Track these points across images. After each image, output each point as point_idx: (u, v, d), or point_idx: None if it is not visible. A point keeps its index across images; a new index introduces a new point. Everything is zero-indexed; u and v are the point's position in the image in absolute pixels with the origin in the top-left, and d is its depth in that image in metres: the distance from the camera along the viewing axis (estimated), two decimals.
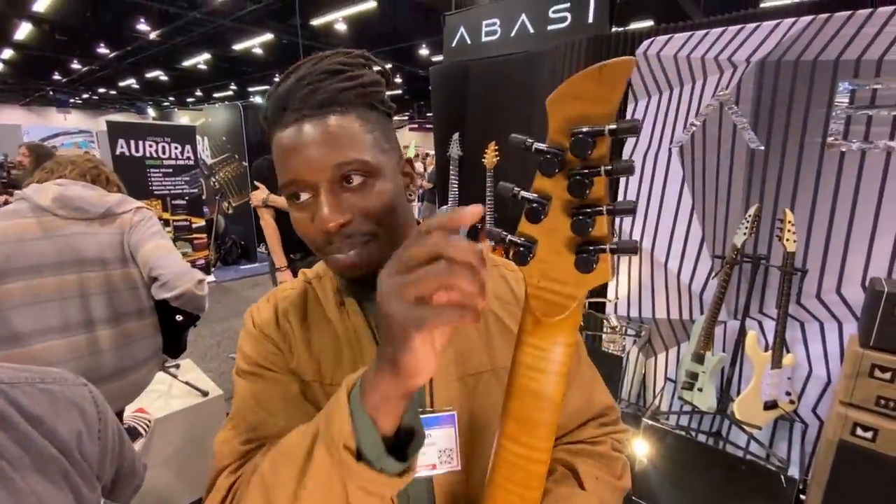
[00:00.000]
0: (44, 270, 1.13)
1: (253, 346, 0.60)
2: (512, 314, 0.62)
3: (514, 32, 3.14)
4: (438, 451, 0.55)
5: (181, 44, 12.48)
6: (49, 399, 0.44)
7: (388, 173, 0.52)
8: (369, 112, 0.52)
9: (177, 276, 1.23)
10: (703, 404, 1.85)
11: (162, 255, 1.25)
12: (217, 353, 3.44)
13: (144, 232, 1.28)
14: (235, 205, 5.85)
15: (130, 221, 1.27)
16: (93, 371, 1.17)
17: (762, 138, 1.88)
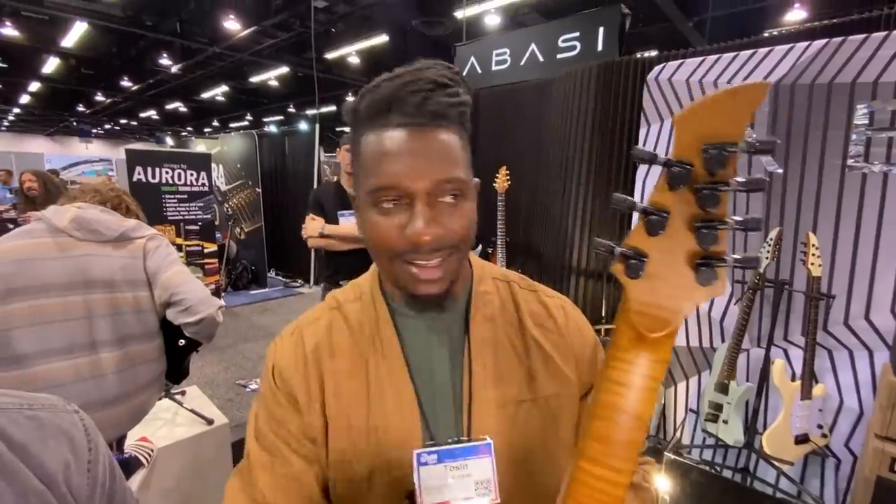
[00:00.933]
0: (50, 291, 1.12)
1: (266, 413, 0.57)
2: (553, 342, 0.59)
3: (524, 61, 3.20)
4: (475, 483, 0.52)
5: (200, 77, 12.98)
6: (36, 426, 0.41)
7: (472, 194, 0.52)
8: (464, 131, 0.52)
9: (200, 302, 1.24)
10: (730, 438, 1.76)
11: (185, 281, 1.27)
12: (224, 380, 3.39)
13: (165, 258, 1.30)
14: (248, 230, 5.91)
15: (145, 247, 1.29)
16: (95, 394, 1.14)
17: (780, 161, 1.85)
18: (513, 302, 0.61)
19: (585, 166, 2.55)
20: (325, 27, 9.27)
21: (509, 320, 0.59)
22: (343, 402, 0.55)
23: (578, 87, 2.59)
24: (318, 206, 2.34)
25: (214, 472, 1.96)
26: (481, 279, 0.60)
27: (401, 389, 0.54)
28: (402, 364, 0.55)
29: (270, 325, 4.67)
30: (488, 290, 0.60)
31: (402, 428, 0.53)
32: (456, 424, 0.54)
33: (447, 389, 0.55)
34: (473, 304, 0.58)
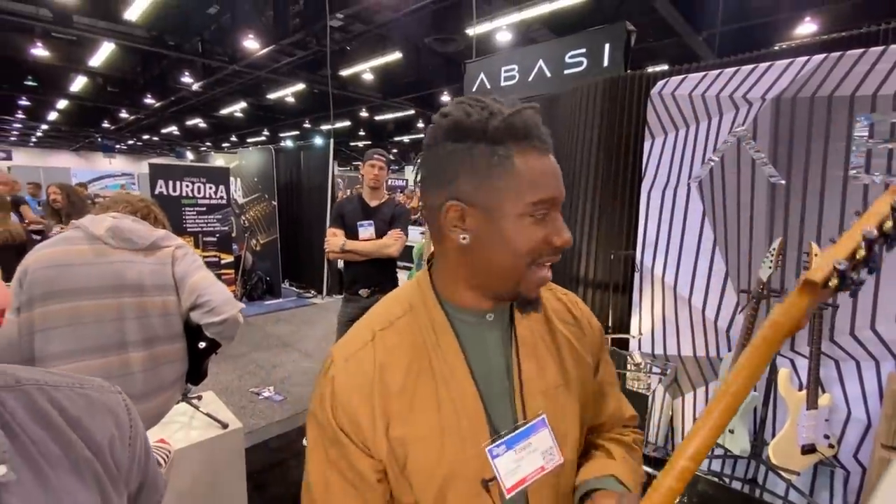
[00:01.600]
0: (86, 294, 1.21)
1: (320, 442, 0.60)
2: (575, 334, 0.69)
3: (532, 77, 3.28)
4: (542, 454, 0.61)
5: (220, 93, 13.41)
6: (87, 403, 0.46)
7: None
8: None
9: (224, 303, 1.34)
10: (736, 447, 1.76)
11: (210, 284, 1.37)
12: (238, 388, 3.47)
13: (191, 264, 1.40)
14: (263, 242, 6.06)
15: (174, 255, 1.39)
16: (124, 390, 1.22)
17: (782, 172, 1.88)
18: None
19: (592, 179, 2.60)
20: (341, 45, 9.55)
21: (538, 318, 0.68)
22: (414, 415, 0.58)
23: (585, 102, 2.65)
24: (339, 218, 2.49)
25: (228, 475, 2.01)
26: None
27: (465, 390, 0.59)
28: (464, 365, 0.60)
29: (284, 335, 4.75)
30: None
31: (471, 426, 0.59)
32: (509, 411, 0.62)
33: (502, 383, 0.62)
34: (515, 306, 0.65)
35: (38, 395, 0.42)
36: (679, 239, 2.19)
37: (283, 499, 2.23)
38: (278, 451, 2.63)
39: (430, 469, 0.58)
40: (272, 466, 2.48)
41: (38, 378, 0.40)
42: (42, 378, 0.43)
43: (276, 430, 2.87)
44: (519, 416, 0.61)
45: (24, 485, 0.37)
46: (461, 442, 0.58)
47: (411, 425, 0.58)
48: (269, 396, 3.32)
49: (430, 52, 10.41)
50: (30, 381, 0.39)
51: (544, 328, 0.67)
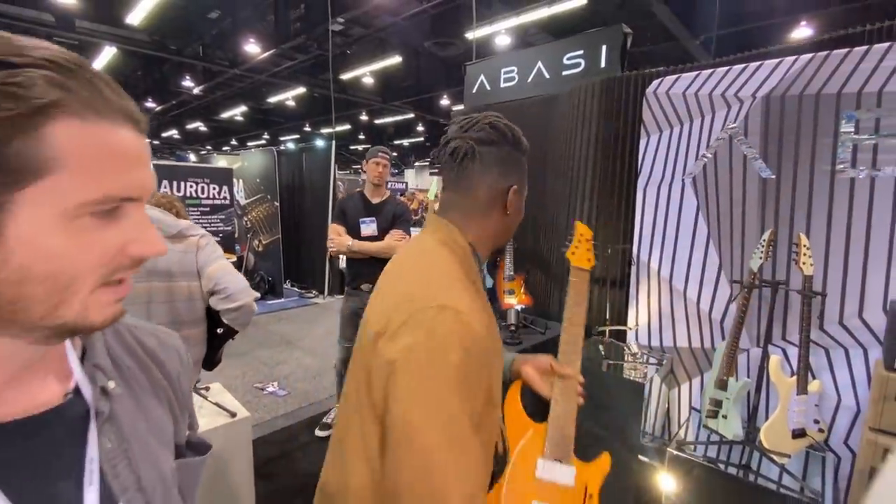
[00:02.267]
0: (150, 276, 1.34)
1: (469, 385, 0.62)
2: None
3: (531, 78, 3.36)
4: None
5: (221, 97, 13.51)
6: (159, 341, 0.55)
7: None
8: None
9: (240, 291, 1.44)
10: (729, 432, 1.81)
11: (228, 273, 1.47)
12: (242, 383, 3.52)
13: (212, 253, 1.50)
14: (265, 242, 6.12)
15: (198, 244, 1.48)
16: None
17: (772, 167, 1.95)
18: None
19: (590, 176, 2.67)
20: (341, 49, 9.65)
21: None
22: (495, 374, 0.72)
23: (582, 102, 2.72)
24: (341, 215, 2.55)
25: (236, 464, 2.06)
26: None
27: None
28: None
29: (287, 333, 4.81)
30: None
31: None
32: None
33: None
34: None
35: (126, 333, 0.51)
36: (674, 233, 2.25)
37: (290, 489, 2.28)
38: (284, 443, 2.68)
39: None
40: (278, 458, 2.53)
41: (124, 320, 0.47)
42: (127, 320, 0.51)
43: (280, 423, 2.92)
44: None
45: (125, 399, 0.45)
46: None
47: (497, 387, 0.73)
48: (273, 391, 3.37)
49: (429, 56, 10.52)
50: (120, 322, 0.46)
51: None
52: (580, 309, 1.05)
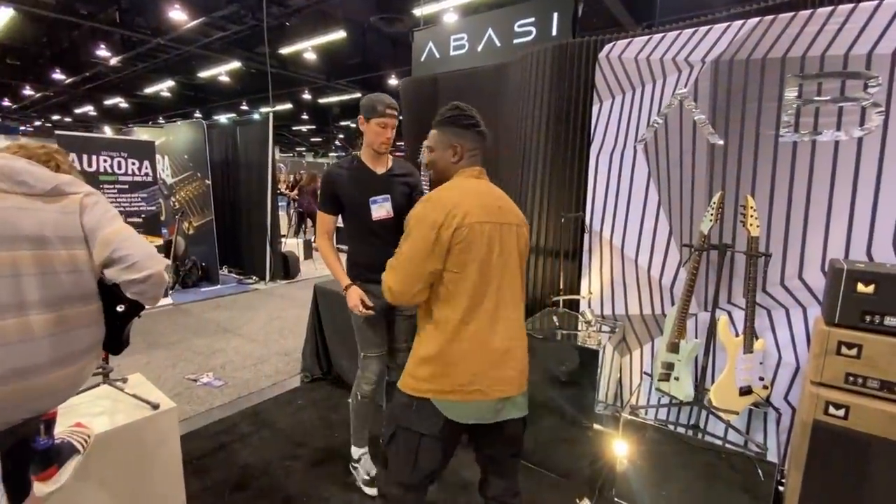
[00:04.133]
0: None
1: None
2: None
3: (482, 46, 3.24)
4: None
5: (143, 70, 12.29)
6: None
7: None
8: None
9: (147, 257, 1.16)
10: (681, 393, 1.84)
11: (128, 237, 1.17)
12: (172, 375, 3.20)
13: (103, 214, 1.18)
14: (197, 225, 5.62)
15: (82, 202, 1.16)
16: (24, 360, 1.03)
17: (720, 133, 1.96)
18: None
19: (542, 144, 2.60)
20: (279, 21, 9.03)
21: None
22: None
23: (534, 69, 2.64)
24: (333, 200, 1.88)
25: (161, 459, 1.83)
26: None
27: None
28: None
29: (223, 321, 4.46)
30: None
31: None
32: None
33: None
34: None
35: None
36: (626, 201, 2.24)
37: (225, 483, 2.08)
38: (219, 435, 2.45)
39: None
40: (213, 451, 2.31)
41: None
42: None
43: (217, 414, 2.67)
44: None
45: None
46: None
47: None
48: (207, 382, 3.09)
49: (375, 33, 10.11)
50: None
51: None
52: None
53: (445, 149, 1.30)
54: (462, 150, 1.29)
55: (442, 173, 1.33)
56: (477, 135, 1.30)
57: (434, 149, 1.33)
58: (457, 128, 1.29)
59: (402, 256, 1.22)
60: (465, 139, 1.29)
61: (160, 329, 4.16)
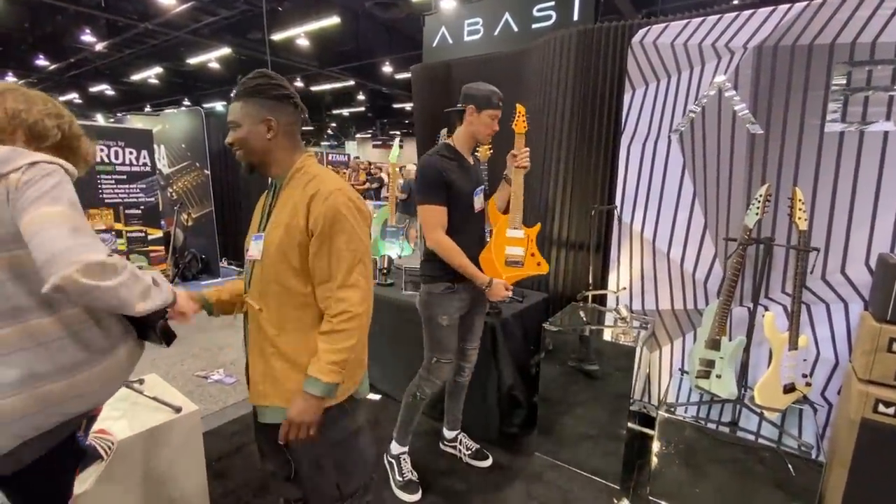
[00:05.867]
0: None
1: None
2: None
3: (498, 31, 3.13)
4: (259, 251, 1.20)
5: (130, 56, 11.90)
6: None
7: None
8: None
9: (48, 261, 0.79)
10: (724, 391, 1.79)
11: (38, 230, 0.82)
12: (181, 372, 3.10)
13: (29, 196, 0.85)
14: (196, 216, 5.47)
15: (18, 182, 0.85)
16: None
17: (762, 122, 1.90)
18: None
19: (566, 134, 2.52)
20: (271, 5, 8.77)
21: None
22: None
23: (557, 55, 2.54)
24: (444, 188, 1.73)
25: (184, 464, 1.75)
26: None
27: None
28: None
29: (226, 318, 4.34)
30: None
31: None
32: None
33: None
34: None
35: None
36: (659, 193, 2.18)
37: (247, 486, 2.00)
38: (237, 436, 2.37)
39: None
40: (231, 453, 2.23)
41: None
42: None
43: (231, 413, 2.59)
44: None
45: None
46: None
47: None
48: (219, 379, 3.00)
49: (370, 19, 9.87)
50: None
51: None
52: None
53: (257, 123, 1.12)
54: (278, 125, 1.13)
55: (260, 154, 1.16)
56: (294, 108, 1.17)
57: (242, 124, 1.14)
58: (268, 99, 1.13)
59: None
60: (280, 112, 1.13)
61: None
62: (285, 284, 1.12)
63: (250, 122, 1.12)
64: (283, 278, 1.12)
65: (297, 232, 1.09)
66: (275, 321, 1.14)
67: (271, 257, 1.12)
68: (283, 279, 1.12)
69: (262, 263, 1.14)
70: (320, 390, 1.08)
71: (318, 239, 1.08)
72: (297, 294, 1.13)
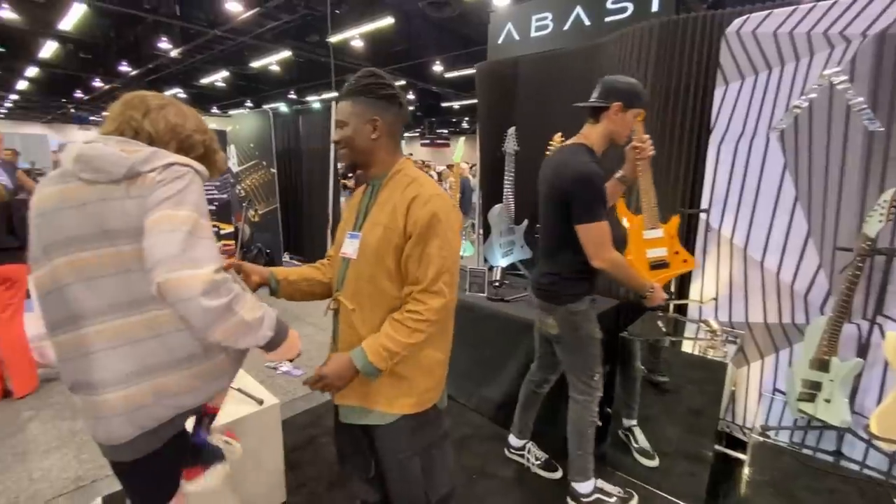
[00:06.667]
0: (77, 244, 0.91)
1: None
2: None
3: (568, 26, 3.02)
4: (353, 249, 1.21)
5: (200, 61, 12.67)
6: None
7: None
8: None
9: (160, 261, 0.84)
10: (834, 418, 1.62)
11: (160, 229, 0.87)
12: (252, 361, 3.24)
13: (158, 196, 0.90)
14: (262, 212, 5.73)
15: (153, 181, 0.92)
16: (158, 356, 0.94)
17: (882, 118, 1.69)
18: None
19: None
20: (330, 8, 9.02)
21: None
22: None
23: (636, 49, 2.41)
24: (604, 199, 1.58)
25: (265, 454, 1.82)
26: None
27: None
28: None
29: (292, 308, 4.52)
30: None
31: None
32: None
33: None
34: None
35: None
36: (753, 196, 2.01)
37: (319, 480, 2.05)
38: (308, 429, 2.44)
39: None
40: (304, 445, 2.29)
41: None
42: None
43: (301, 405, 2.67)
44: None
45: None
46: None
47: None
48: (287, 370, 3.11)
49: (422, 19, 9.92)
50: None
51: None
52: None
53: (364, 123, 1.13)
54: (383, 125, 1.14)
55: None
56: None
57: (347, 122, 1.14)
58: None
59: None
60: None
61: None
62: (379, 286, 1.12)
63: (357, 120, 1.12)
64: (378, 280, 1.12)
65: (394, 234, 1.08)
66: (368, 322, 1.14)
67: (367, 258, 1.12)
68: (378, 280, 1.12)
69: (358, 263, 1.14)
70: (361, 365, 1.08)
71: (413, 241, 1.07)
72: (390, 297, 1.13)
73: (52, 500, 1.91)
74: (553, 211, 1.66)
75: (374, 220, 1.13)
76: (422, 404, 1.18)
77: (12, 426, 2.43)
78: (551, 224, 1.70)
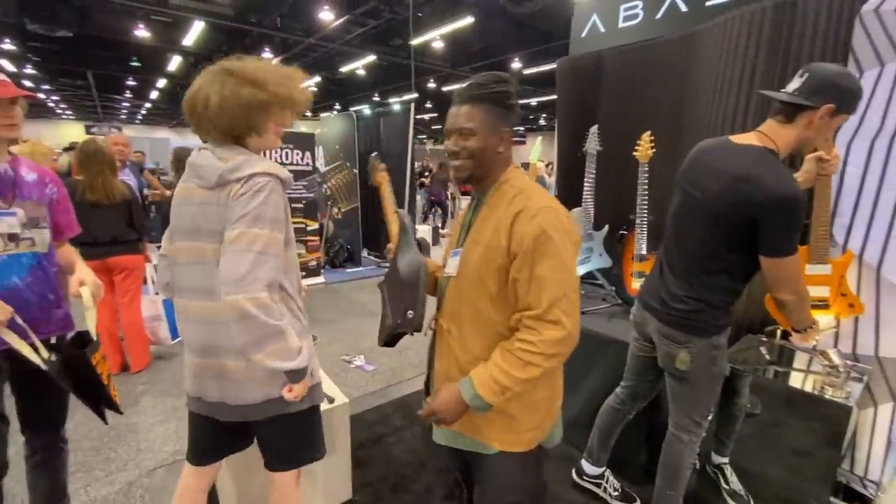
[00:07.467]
0: (189, 234, 1.11)
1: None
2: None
3: (661, 14, 2.76)
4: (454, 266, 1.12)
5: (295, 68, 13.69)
6: None
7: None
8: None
9: (227, 279, 0.96)
10: None
11: (234, 247, 0.97)
12: (329, 354, 3.41)
13: (237, 211, 0.99)
14: (344, 210, 6.04)
15: (235, 193, 1.00)
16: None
17: None
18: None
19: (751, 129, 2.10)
20: (413, 11, 9.23)
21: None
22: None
23: (743, 35, 2.12)
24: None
25: (332, 454, 1.87)
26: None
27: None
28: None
29: (368, 303, 4.71)
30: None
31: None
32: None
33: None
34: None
35: None
36: (892, 204, 1.67)
37: (384, 480, 2.08)
38: (375, 426, 2.50)
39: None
40: (371, 443, 2.35)
41: None
42: None
43: (370, 401, 2.75)
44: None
45: None
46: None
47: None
48: (360, 365, 3.22)
49: (501, 16, 9.77)
50: None
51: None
52: None
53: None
54: (508, 138, 1.06)
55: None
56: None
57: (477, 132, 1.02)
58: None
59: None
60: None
61: (317, 305, 4.53)
62: (478, 308, 1.03)
63: (487, 131, 1.01)
64: (477, 301, 1.03)
65: (497, 254, 0.98)
66: (465, 347, 1.06)
67: (468, 278, 1.04)
68: (477, 302, 1.03)
69: (458, 282, 1.07)
70: (469, 398, 0.97)
71: (519, 262, 0.95)
72: (490, 322, 1.03)
73: (153, 470, 2.14)
74: (713, 225, 1.34)
75: (475, 237, 1.04)
76: (525, 443, 1.08)
77: (130, 398, 2.78)
78: (705, 239, 1.37)
